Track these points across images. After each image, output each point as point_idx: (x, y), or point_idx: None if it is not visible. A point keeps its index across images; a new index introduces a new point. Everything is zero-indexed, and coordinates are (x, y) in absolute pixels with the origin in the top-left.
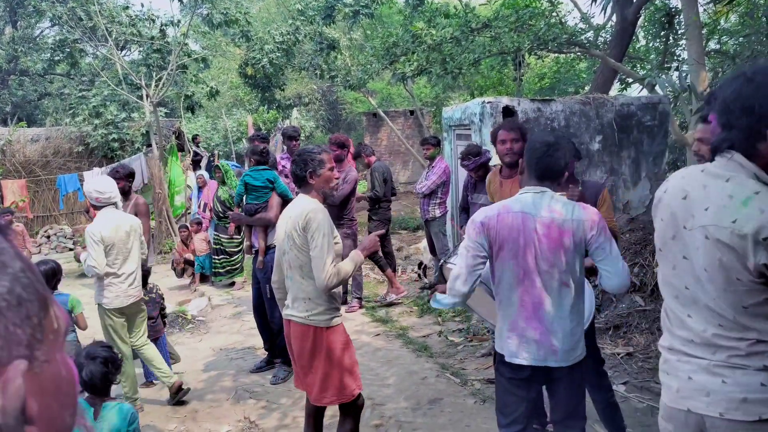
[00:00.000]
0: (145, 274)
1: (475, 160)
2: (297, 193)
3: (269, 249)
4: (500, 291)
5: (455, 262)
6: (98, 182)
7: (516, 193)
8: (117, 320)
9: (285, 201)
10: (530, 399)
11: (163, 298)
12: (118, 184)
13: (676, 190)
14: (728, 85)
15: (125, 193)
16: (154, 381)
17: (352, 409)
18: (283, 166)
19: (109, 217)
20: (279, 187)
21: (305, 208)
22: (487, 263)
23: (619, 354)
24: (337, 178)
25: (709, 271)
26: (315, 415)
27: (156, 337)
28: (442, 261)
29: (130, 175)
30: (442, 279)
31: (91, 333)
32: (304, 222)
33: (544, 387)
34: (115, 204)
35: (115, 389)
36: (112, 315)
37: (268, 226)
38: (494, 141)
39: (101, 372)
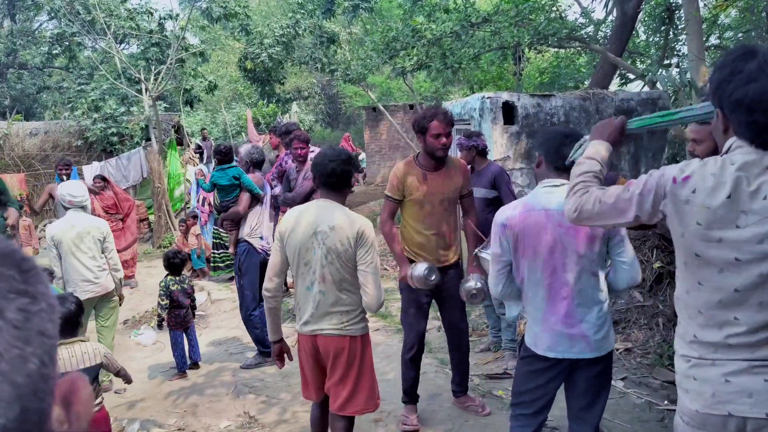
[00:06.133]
0: (183, 259)
1: (475, 140)
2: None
3: (240, 242)
4: (528, 287)
5: (489, 252)
6: (72, 187)
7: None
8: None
9: (252, 195)
10: (551, 389)
11: (193, 290)
12: None
13: (713, 191)
14: (737, 71)
15: None
16: (185, 371)
17: (351, 419)
18: (279, 165)
19: (68, 218)
20: (245, 182)
21: (354, 221)
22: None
23: (617, 350)
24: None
25: None
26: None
27: (186, 327)
28: (476, 251)
29: None
30: (479, 268)
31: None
32: (357, 236)
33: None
34: (83, 207)
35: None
36: None
37: (240, 220)
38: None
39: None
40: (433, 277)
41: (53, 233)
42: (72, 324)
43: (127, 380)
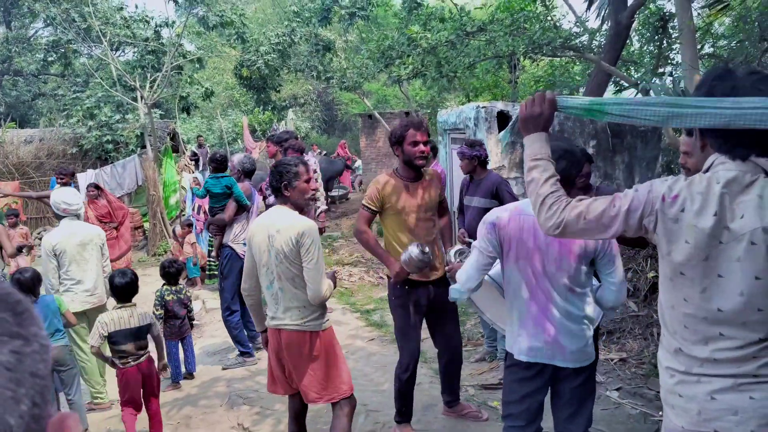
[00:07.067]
0: (179, 269)
1: (478, 149)
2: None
3: (224, 247)
4: (510, 291)
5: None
6: (66, 194)
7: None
8: (77, 323)
9: (240, 206)
10: (537, 398)
11: (190, 300)
12: None
13: (701, 211)
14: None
15: None
16: (179, 381)
17: (347, 408)
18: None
19: (65, 227)
20: (236, 192)
21: (296, 223)
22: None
23: (612, 360)
24: (314, 189)
25: (762, 277)
26: (302, 415)
27: (182, 337)
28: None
29: None
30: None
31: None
32: (298, 237)
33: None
34: (78, 215)
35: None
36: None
37: (225, 227)
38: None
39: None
40: (427, 249)
41: (54, 243)
42: (130, 292)
43: (162, 359)
